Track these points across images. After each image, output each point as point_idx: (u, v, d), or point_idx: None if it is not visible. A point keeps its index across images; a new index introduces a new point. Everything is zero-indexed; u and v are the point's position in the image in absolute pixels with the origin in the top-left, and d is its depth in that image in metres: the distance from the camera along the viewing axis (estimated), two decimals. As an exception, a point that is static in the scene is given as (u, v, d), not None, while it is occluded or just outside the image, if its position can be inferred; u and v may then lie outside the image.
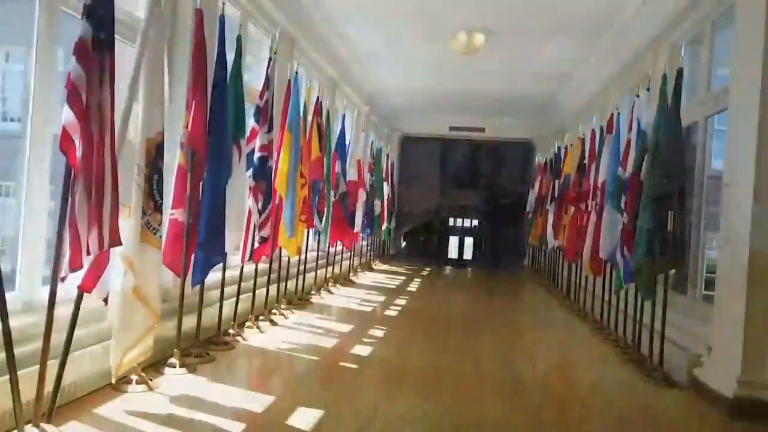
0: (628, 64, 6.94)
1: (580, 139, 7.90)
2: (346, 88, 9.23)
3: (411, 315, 6.23)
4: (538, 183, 11.26)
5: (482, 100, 11.53)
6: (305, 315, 5.77)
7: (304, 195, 5.81)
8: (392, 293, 7.99)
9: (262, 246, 4.75)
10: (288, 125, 5.20)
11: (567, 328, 6.37)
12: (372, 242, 11.80)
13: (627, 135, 5.56)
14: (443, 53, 8.29)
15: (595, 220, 6.12)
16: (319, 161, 6.23)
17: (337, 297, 7.11)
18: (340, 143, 7.36)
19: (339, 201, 7.29)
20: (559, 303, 7.94)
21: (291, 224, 5.15)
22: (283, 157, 5.14)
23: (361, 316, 6.09)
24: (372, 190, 9.84)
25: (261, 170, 4.52)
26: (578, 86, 9.08)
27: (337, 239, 7.52)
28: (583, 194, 7.30)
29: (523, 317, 6.78)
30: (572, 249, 7.60)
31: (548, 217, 9.46)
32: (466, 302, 7.66)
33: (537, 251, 11.64)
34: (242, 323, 4.87)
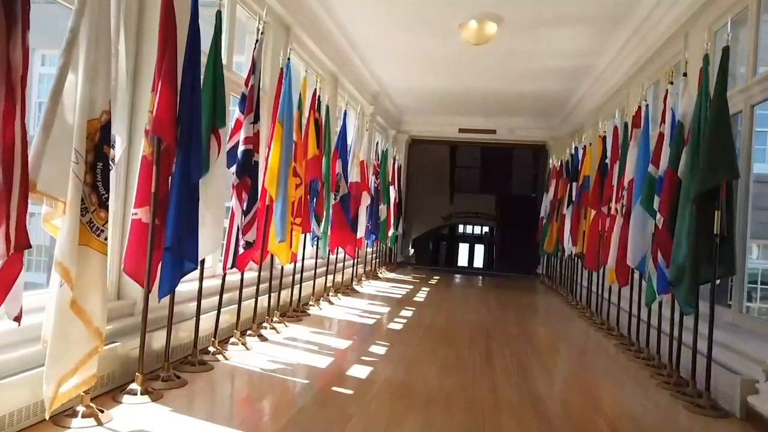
0: (655, 52, 6.36)
1: (600, 137, 7.31)
2: (348, 84, 8.71)
3: (417, 328, 5.65)
4: (553, 187, 10.68)
5: (493, 99, 10.96)
6: (300, 328, 5.21)
7: (299, 196, 5.27)
8: (397, 304, 7.42)
9: (247, 252, 4.21)
10: (279, 117, 4.67)
11: (590, 345, 5.76)
12: (378, 249, 11.24)
13: (658, 128, 4.98)
14: (451, 46, 7.76)
15: (622, 224, 5.53)
16: (317, 160, 5.69)
17: (337, 308, 6.55)
18: (341, 142, 6.82)
19: (340, 204, 6.74)
20: (579, 315, 7.32)
21: (282, 228, 4.60)
22: (273, 153, 4.61)
23: (362, 329, 5.52)
24: (377, 193, 9.30)
25: (245, 165, 3.98)
26: (597, 80, 8.49)
27: (338, 245, 6.96)
28: (605, 196, 6.71)
29: (541, 331, 6.17)
30: (593, 256, 6.99)
31: (565, 223, 8.87)
32: (477, 314, 7.06)
33: (552, 258, 11.01)
34: (226, 339, 4.32)
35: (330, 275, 7.33)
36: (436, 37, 7.51)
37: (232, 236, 3.93)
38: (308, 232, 5.75)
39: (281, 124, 4.63)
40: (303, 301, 6.30)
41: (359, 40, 7.97)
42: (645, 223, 5.11)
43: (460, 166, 20.08)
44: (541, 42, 7.37)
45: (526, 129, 12.64)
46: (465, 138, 13.26)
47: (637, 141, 5.44)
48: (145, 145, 3.12)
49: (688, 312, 3.98)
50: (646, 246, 5.14)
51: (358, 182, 7.46)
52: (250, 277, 4.89)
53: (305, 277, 6.45)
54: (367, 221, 8.95)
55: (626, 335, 5.65)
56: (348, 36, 7.74)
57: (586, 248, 7.33)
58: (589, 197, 7.71)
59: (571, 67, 8.38)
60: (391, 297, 8.03)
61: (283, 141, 4.61)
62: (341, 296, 7.40)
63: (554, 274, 10.83)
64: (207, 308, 4.13)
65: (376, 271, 10.60)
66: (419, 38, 7.70)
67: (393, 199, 11.07)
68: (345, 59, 8.26)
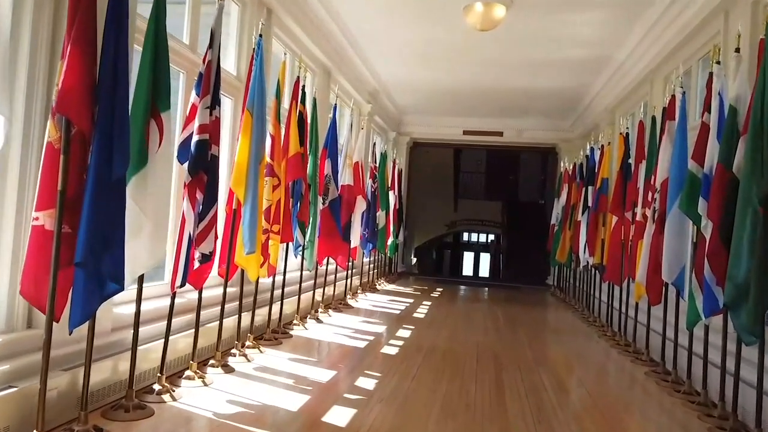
0: (689, 34, 5.58)
1: (622, 135, 6.53)
2: (342, 80, 7.97)
3: (415, 353, 4.87)
4: (565, 192, 9.90)
5: (500, 99, 10.21)
6: (277, 355, 4.44)
7: (277, 199, 4.52)
8: (395, 321, 6.64)
9: (205, 266, 3.45)
10: (248, 105, 3.92)
11: (616, 372, 4.96)
12: (377, 259, 10.47)
13: (700, 118, 4.22)
14: (455, 37, 7.02)
15: (653, 232, 4.74)
16: (300, 158, 4.94)
17: (326, 327, 5.77)
18: (331, 139, 6.07)
19: (329, 209, 5.99)
20: (598, 334, 6.52)
21: (251, 237, 3.84)
22: (241, 147, 3.86)
23: (352, 355, 4.75)
24: (374, 198, 8.54)
25: (199, 160, 3.22)
26: (616, 73, 7.72)
27: (327, 255, 6.20)
28: (629, 200, 5.93)
29: (557, 355, 5.37)
30: (615, 268, 6.21)
31: (580, 231, 8.08)
32: (484, 333, 6.26)
33: (564, 269, 10.21)
34: (179, 373, 3.56)
35: (320, 289, 6.56)
36: (439, 25, 6.77)
37: (182, 247, 3.17)
38: (289, 241, 4.99)
39: (250, 113, 3.88)
40: (285, 320, 5.53)
41: (355, 30, 7.25)
42: (684, 230, 4.34)
43: (465, 171, 19.33)
44: (555, 29, 6.62)
45: (535, 130, 11.87)
46: (470, 140, 12.50)
47: (672, 135, 4.68)
48: (51, 129, 2.38)
49: (749, 342, 3.19)
50: (685, 257, 4.37)
51: (351, 185, 6.70)
52: (215, 295, 4.14)
53: (288, 292, 5.69)
54: (363, 229, 8.20)
55: (659, 361, 4.86)
56: (342, 25, 7.01)
57: (606, 259, 6.54)
58: (609, 202, 6.93)
59: (587, 59, 7.62)
60: (388, 313, 7.25)
61: (253, 133, 3.86)
62: (332, 313, 6.63)
63: (566, 286, 10.03)
64: (155, 334, 3.39)
65: (374, 283, 9.82)
66: (421, 28, 6.97)
67: (392, 206, 10.31)
68: (339, 52, 7.53)
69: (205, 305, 4.13)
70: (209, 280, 4.35)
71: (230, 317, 4.35)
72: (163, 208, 2.91)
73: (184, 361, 3.68)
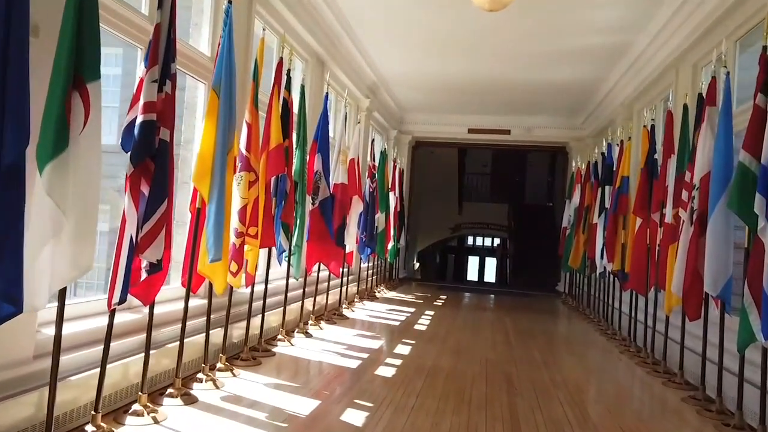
0: (724, 13, 4.93)
1: (646, 128, 5.88)
2: (338, 72, 7.35)
3: (415, 376, 4.22)
4: (578, 193, 9.25)
5: (508, 94, 9.57)
6: (252, 379, 3.81)
7: (254, 197, 3.90)
8: (394, 334, 6.00)
9: (154, 277, 2.81)
10: (214, 83, 3.30)
11: (652, 400, 4.29)
12: (376, 264, 9.83)
13: (753, 101, 3.57)
14: (461, 24, 6.41)
15: (691, 235, 4.09)
16: (282, 150, 4.31)
17: (314, 343, 5.14)
18: (321, 132, 5.45)
19: (319, 210, 5.36)
20: (620, 349, 5.86)
21: (216, 241, 3.21)
22: (206, 133, 3.23)
23: (341, 378, 4.10)
24: (372, 199, 7.91)
25: (144, 145, 2.59)
26: (636, 62, 7.06)
27: (318, 261, 5.56)
28: (656, 200, 5.29)
29: (577, 376, 4.72)
30: (638, 276, 5.55)
31: (596, 234, 7.43)
32: (493, 349, 5.61)
33: (577, 276, 9.54)
34: (125, 408, 2.93)
35: (310, 299, 5.93)
36: (443, 12, 6.18)
37: (121, 254, 2.54)
38: (270, 245, 4.36)
39: (216, 94, 3.26)
40: (269, 336, 4.90)
41: (351, 18, 6.65)
42: (730, 234, 3.70)
43: (470, 173, 18.68)
44: (569, 12, 5.99)
45: (544, 128, 11.22)
46: (475, 139, 11.85)
47: (713, 123, 4.03)
48: None
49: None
50: (729, 265, 3.72)
51: (345, 184, 6.07)
52: (174, 310, 3.51)
53: (272, 303, 5.07)
54: (361, 232, 7.58)
55: (696, 385, 4.20)
56: (336, 12, 6.40)
57: (629, 266, 5.88)
58: (630, 203, 6.30)
59: (603, 47, 6.98)
60: (387, 324, 6.61)
61: (220, 117, 3.23)
62: (324, 325, 5.99)
63: (579, 294, 9.36)
64: (91, 361, 2.76)
65: (373, 291, 9.18)
66: (423, 16, 6.37)
67: (393, 208, 9.68)
68: (334, 41, 6.92)
69: (170, 321, 3.52)
70: (175, 292, 3.75)
71: (198, 335, 3.73)
72: (89, 204, 2.28)
73: (133, 392, 3.05)
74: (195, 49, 4.17)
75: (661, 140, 5.52)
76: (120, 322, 3.18)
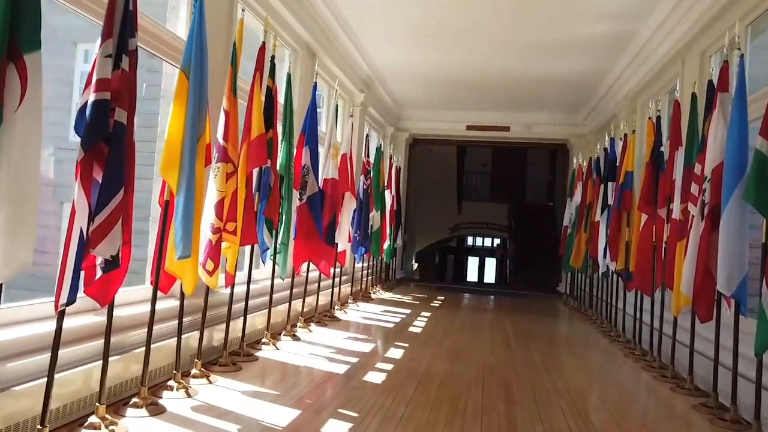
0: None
1: (651, 120, 5.60)
2: (330, 64, 7.08)
3: (406, 382, 3.94)
4: (579, 190, 8.97)
5: (508, 89, 9.30)
6: (230, 386, 3.53)
7: (232, 190, 3.62)
8: (387, 337, 5.73)
9: (113, 274, 2.54)
10: (183, 64, 3.03)
11: (661, 407, 4.02)
12: (372, 265, 9.55)
13: None
14: (457, 17, 6.15)
15: (702, 231, 3.81)
16: (264, 141, 4.03)
17: (302, 346, 4.86)
18: (310, 124, 5.17)
19: (307, 206, 5.08)
20: (624, 352, 5.58)
21: (185, 237, 2.93)
22: (173, 118, 2.96)
23: (326, 384, 3.83)
24: (366, 197, 7.64)
25: (96, 126, 2.32)
26: (641, 52, 6.78)
27: (306, 260, 5.28)
28: (662, 195, 5.02)
29: (581, 382, 4.44)
30: (644, 275, 5.28)
31: (599, 232, 7.15)
32: (492, 352, 5.33)
33: (579, 275, 9.25)
34: (80, 420, 2.65)
35: (299, 300, 5.65)
36: (440, 2, 5.91)
37: (69, 249, 2.26)
38: (252, 243, 4.09)
39: (186, 76, 2.98)
40: (251, 340, 4.63)
41: (343, 7, 6.38)
42: (745, 228, 3.42)
43: (469, 172, 18.40)
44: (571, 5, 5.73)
45: (545, 125, 10.94)
46: (474, 136, 11.58)
47: (725, 109, 3.75)
48: None
49: None
50: (746, 262, 3.45)
51: (336, 180, 5.79)
52: (145, 312, 3.23)
53: (257, 305, 4.80)
54: (355, 230, 7.30)
55: (708, 392, 3.92)
56: (328, 1, 6.14)
57: (634, 264, 5.61)
58: (634, 198, 6.03)
59: (606, 37, 6.70)
60: (380, 326, 6.33)
61: (189, 101, 2.96)
62: (314, 327, 5.71)
63: (581, 295, 9.07)
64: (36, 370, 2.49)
65: (368, 291, 8.89)
66: (419, 6, 6.11)
67: (389, 206, 9.40)
68: (325, 31, 6.65)
69: (140, 324, 3.24)
70: (148, 292, 3.48)
71: (172, 338, 3.46)
72: (26, 192, 2.01)
73: (91, 402, 2.77)
74: (171, 33, 3.90)
75: (667, 132, 5.25)
76: (84, 325, 2.92)
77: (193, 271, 3.08)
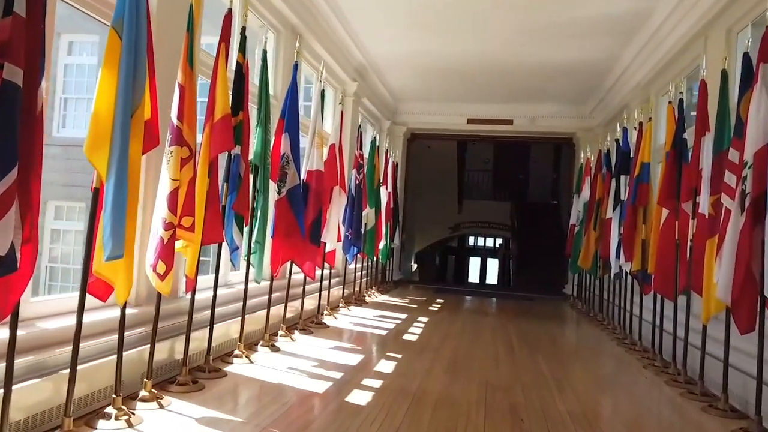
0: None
1: (671, 104, 5.04)
2: (317, 46, 6.52)
3: (395, 403, 3.39)
4: (587, 186, 8.41)
5: (510, 78, 8.74)
6: (184, 410, 2.97)
7: (189, 178, 3.07)
8: (379, 346, 5.18)
9: (13, 278, 1.98)
10: (114, 20, 2.47)
11: (689, 429, 3.45)
12: (368, 266, 9.00)
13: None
14: None
15: (743, 226, 3.24)
16: (229, 122, 3.48)
17: (280, 359, 4.30)
18: (290, 108, 4.61)
19: (287, 200, 4.52)
20: (643, 363, 5.01)
21: (116, 232, 2.37)
22: (101, 86, 2.40)
23: (299, 408, 3.27)
24: (359, 193, 7.08)
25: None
26: (657, 33, 6.20)
27: (287, 261, 4.72)
28: (686, 187, 4.45)
29: (600, 402, 3.89)
30: (666, 278, 4.72)
31: (610, 230, 6.58)
32: (494, 364, 4.77)
33: (586, 277, 8.68)
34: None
35: (280, 305, 5.09)
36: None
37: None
38: (217, 241, 3.53)
39: (117, 34, 2.42)
40: (222, 352, 4.08)
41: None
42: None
43: (470, 169, 17.83)
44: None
45: (550, 118, 10.37)
46: (475, 131, 11.02)
47: None
48: None
49: None
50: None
51: (322, 172, 5.23)
52: (91, 322, 2.67)
53: (230, 312, 4.25)
54: (346, 229, 6.75)
55: (751, 416, 3.36)
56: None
57: (653, 265, 5.03)
58: (653, 192, 5.47)
59: (617, 20, 6.14)
60: (373, 333, 5.78)
61: (122, 68, 2.40)
62: (298, 335, 5.15)
63: (590, 297, 8.50)
64: None
65: (362, 294, 8.34)
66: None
67: (385, 204, 8.84)
68: (312, 12, 6.10)
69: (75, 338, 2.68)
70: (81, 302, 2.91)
71: (102, 359, 2.90)
72: None
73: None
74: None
75: (693, 117, 4.69)
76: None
77: (127, 274, 2.52)
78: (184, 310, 3.64)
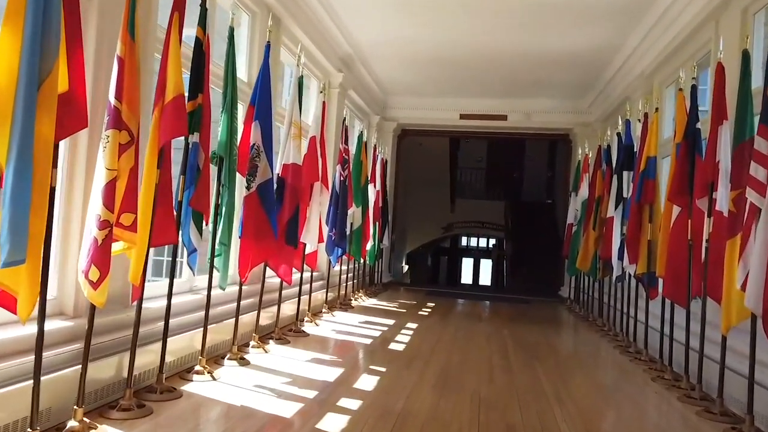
0: None
1: (682, 92, 4.62)
2: (299, 32, 6.04)
3: (375, 425, 2.95)
4: (586, 183, 7.99)
5: (505, 70, 8.31)
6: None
7: (129, 168, 2.60)
8: (362, 357, 4.71)
9: None
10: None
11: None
12: (355, 267, 8.54)
13: None
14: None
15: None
16: (182, 104, 3.00)
17: (247, 374, 3.83)
18: (261, 94, 4.13)
19: (257, 196, 4.04)
20: (650, 374, 4.58)
21: (15, 233, 1.89)
22: (2, 50, 1.93)
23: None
24: (344, 190, 6.62)
25: None
26: (663, 17, 5.78)
27: (257, 264, 4.24)
28: (700, 182, 4.03)
29: (607, 422, 3.44)
30: (677, 282, 4.30)
31: (612, 230, 6.15)
32: (488, 376, 4.33)
33: (584, 279, 8.26)
34: None
35: (252, 313, 4.62)
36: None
37: None
38: (169, 242, 3.06)
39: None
40: (182, 368, 3.60)
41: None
42: None
43: (463, 167, 17.41)
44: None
45: (545, 113, 9.94)
46: (468, 126, 10.58)
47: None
48: None
49: None
50: None
51: (299, 166, 4.76)
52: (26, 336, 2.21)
53: (189, 322, 3.77)
54: (330, 229, 6.29)
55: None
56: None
57: (662, 268, 4.59)
58: (660, 188, 5.06)
59: (621, 3, 5.71)
60: (356, 342, 5.31)
61: (27, 26, 1.92)
62: (272, 346, 4.68)
63: (588, 300, 8.08)
64: None
65: (348, 298, 7.87)
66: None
67: (373, 202, 8.39)
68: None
69: None
70: None
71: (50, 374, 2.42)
72: None
73: None
74: None
75: (710, 103, 4.26)
76: None
77: (31, 284, 2.04)
78: (92, 326, 3.16)
